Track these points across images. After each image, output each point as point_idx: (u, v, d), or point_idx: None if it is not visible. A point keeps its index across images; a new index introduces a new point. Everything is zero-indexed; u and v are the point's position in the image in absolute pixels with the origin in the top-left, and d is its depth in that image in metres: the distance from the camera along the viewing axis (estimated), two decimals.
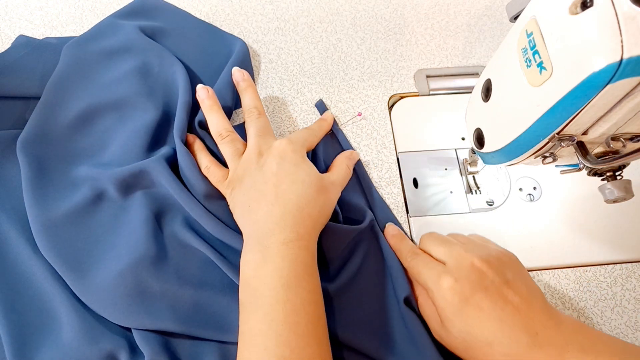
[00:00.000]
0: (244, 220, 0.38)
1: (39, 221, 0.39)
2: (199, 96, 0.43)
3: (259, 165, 0.38)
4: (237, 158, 0.40)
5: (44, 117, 0.44)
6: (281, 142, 0.39)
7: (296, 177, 0.37)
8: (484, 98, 0.34)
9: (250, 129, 0.41)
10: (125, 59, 0.47)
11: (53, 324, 0.37)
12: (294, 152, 0.39)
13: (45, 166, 0.42)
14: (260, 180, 0.37)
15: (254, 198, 0.37)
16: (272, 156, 0.38)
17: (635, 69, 0.23)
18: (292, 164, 0.38)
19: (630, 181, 0.32)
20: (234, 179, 0.39)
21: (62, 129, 0.44)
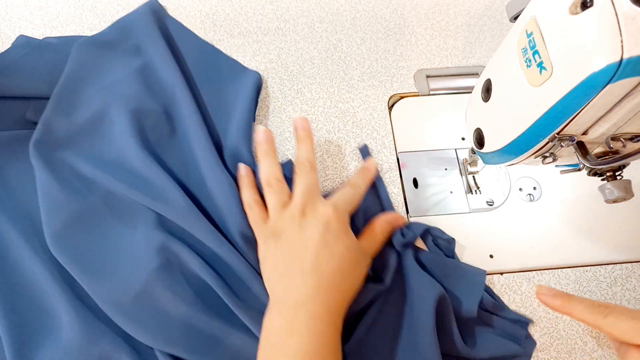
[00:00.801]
0: (275, 281, 0.37)
1: (52, 225, 0.39)
2: (258, 139, 0.42)
3: (301, 226, 0.37)
4: (280, 210, 0.38)
5: (55, 117, 0.44)
6: (327, 208, 0.38)
7: (336, 249, 0.36)
8: (484, 98, 0.34)
9: (299, 183, 0.39)
10: (134, 61, 0.48)
11: (53, 324, 0.37)
12: (338, 222, 0.37)
13: (58, 169, 0.42)
14: (300, 244, 0.36)
15: (290, 261, 0.36)
16: (316, 222, 0.37)
17: (635, 69, 0.23)
18: (334, 235, 0.37)
19: (630, 181, 0.32)
20: (272, 229, 0.38)
21: (75, 129, 0.44)
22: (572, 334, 0.40)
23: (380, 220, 0.41)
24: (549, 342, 0.40)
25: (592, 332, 0.40)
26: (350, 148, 0.47)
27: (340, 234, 0.37)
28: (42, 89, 0.46)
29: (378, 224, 0.41)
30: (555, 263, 0.43)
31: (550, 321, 0.41)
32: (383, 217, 0.41)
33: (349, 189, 0.41)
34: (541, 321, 0.41)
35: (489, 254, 0.43)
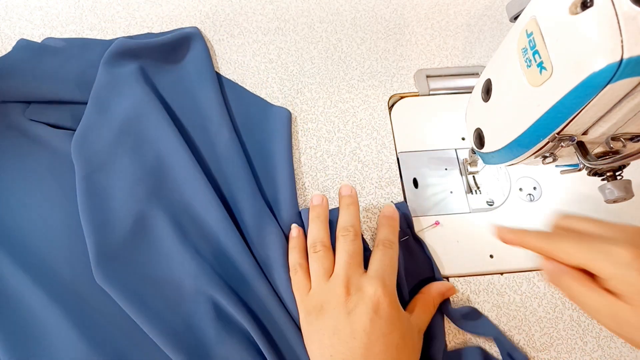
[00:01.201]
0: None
1: (97, 251, 0.39)
2: (313, 202, 0.41)
3: (346, 309, 0.34)
4: (323, 278, 0.37)
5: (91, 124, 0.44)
6: (376, 290, 0.34)
7: (391, 339, 0.33)
8: (484, 98, 0.34)
9: (342, 252, 0.37)
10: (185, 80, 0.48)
11: (45, 341, 0.37)
12: (389, 306, 0.34)
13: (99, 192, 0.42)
14: (348, 332, 0.33)
15: (338, 349, 0.33)
16: (364, 307, 0.33)
17: (635, 69, 0.23)
18: (387, 322, 0.33)
19: (630, 181, 0.32)
20: (314, 302, 0.36)
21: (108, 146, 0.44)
22: (572, 334, 0.40)
23: (435, 294, 0.39)
24: (549, 342, 0.40)
25: (592, 332, 0.40)
26: (351, 148, 0.47)
27: (394, 320, 0.33)
28: (42, 93, 0.46)
29: (433, 297, 0.38)
30: None
31: (550, 321, 0.41)
32: (438, 290, 0.39)
33: (385, 250, 0.38)
34: (541, 321, 0.41)
35: (489, 254, 0.43)
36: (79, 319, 0.38)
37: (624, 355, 0.40)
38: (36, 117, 0.46)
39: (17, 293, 0.39)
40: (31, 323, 0.38)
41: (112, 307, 0.38)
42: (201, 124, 0.46)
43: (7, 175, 0.44)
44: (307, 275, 0.38)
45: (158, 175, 0.43)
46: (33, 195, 0.43)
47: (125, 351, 0.37)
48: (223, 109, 0.47)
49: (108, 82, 0.46)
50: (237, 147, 0.45)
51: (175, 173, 0.43)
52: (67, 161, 0.44)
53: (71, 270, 0.40)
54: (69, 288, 0.39)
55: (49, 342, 0.37)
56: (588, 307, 0.30)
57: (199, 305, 0.39)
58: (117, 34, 0.52)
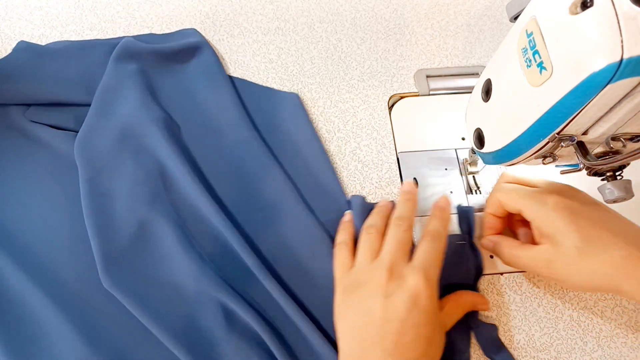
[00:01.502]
0: (349, 345, 0.34)
1: (102, 255, 0.39)
2: (404, 188, 0.41)
3: (385, 292, 0.34)
4: (368, 258, 0.36)
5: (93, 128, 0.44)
6: (419, 281, 0.33)
7: (423, 331, 0.33)
8: (484, 98, 0.34)
9: (392, 238, 0.37)
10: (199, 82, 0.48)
11: (45, 341, 0.37)
12: (428, 300, 0.33)
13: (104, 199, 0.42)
14: (381, 315, 0.33)
15: (369, 331, 0.33)
16: (403, 295, 0.33)
17: (635, 69, 0.23)
18: (423, 315, 0.33)
19: (630, 181, 0.32)
20: (353, 278, 0.36)
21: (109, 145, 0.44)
22: (572, 334, 0.40)
23: (468, 301, 0.39)
24: (549, 342, 0.40)
25: (592, 332, 0.40)
26: (351, 148, 0.47)
27: (429, 313, 0.33)
28: (42, 96, 0.46)
29: (465, 303, 0.39)
30: None
31: (550, 321, 0.41)
32: (472, 299, 0.39)
33: (433, 243, 0.37)
34: (541, 321, 0.41)
35: (489, 254, 0.43)
36: (80, 320, 0.38)
37: (624, 355, 0.40)
38: (37, 118, 0.46)
39: (17, 295, 0.39)
40: (32, 325, 0.38)
41: (113, 309, 0.38)
42: (217, 125, 0.46)
43: (7, 175, 0.44)
44: (351, 254, 0.38)
45: (161, 178, 0.43)
46: (34, 196, 0.43)
47: (126, 353, 0.37)
48: (239, 107, 0.47)
49: (113, 84, 0.46)
50: (260, 143, 0.45)
51: (177, 176, 0.43)
52: (68, 162, 0.44)
53: (73, 272, 0.40)
54: (70, 290, 0.39)
55: (49, 342, 0.37)
56: (523, 263, 0.37)
57: (205, 306, 0.38)
58: (117, 34, 0.52)
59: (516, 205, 0.37)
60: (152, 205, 0.41)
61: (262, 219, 0.42)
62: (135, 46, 0.48)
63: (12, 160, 0.44)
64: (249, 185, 0.44)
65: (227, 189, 0.44)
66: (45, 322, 0.38)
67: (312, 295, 0.40)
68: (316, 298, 0.40)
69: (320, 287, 0.40)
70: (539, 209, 0.35)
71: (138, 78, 0.46)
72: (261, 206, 0.43)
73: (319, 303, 0.39)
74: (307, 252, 0.41)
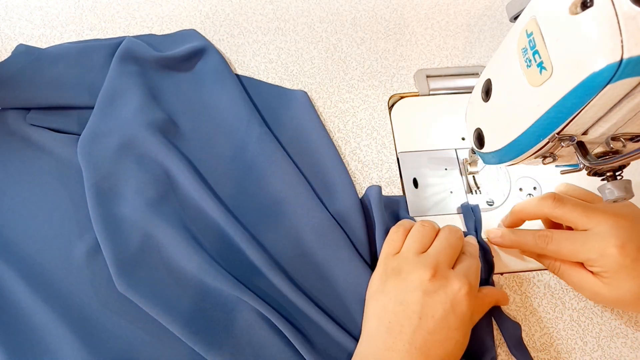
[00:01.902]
0: (375, 330, 0.34)
1: (115, 259, 0.39)
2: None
3: (426, 288, 0.34)
4: (416, 249, 0.37)
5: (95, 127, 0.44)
6: (462, 287, 0.34)
7: (453, 335, 0.33)
8: (484, 98, 0.34)
9: (444, 240, 0.37)
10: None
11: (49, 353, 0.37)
12: (466, 307, 0.34)
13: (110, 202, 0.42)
14: (416, 309, 0.33)
15: (400, 322, 0.33)
16: (444, 296, 0.34)
17: (635, 69, 0.23)
18: (457, 320, 0.33)
19: (630, 181, 0.32)
20: (395, 265, 0.36)
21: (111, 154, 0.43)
22: (572, 334, 0.40)
23: (490, 298, 0.39)
24: (549, 342, 0.40)
25: (592, 332, 0.40)
26: (351, 148, 0.47)
27: (464, 319, 0.34)
28: (42, 100, 0.45)
29: (490, 300, 0.39)
30: None
31: (550, 321, 0.41)
32: (494, 295, 0.39)
33: (472, 260, 0.38)
34: (541, 321, 0.41)
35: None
36: (81, 327, 0.38)
37: (624, 355, 0.40)
38: (38, 122, 0.45)
39: (19, 302, 0.39)
40: (33, 332, 0.38)
41: (115, 316, 0.38)
42: (227, 123, 0.46)
43: (10, 179, 0.43)
44: (403, 239, 0.38)
45: (167, 180, 0.43)
46: (38, 201, 0.43)
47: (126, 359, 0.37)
48: (249, 105, 0.47)
49: (116, 86, 0.46)
50: (271, 138, 0.45)
51: (183, 177, 0.43)
52: (72, 167, 0.43)
53: (75, 279, 0.40)
54: (73, 297, 0.39)
55: (50, 349, 0.37)
56: (576, 284, 0.38)
57: (219, 301, 0.39)
58: (117, 34, 0.52)
59: (585, 262, 0.37)
60: (159, 207, 0.41)
61: (275, 214, 0.43)
62: (139, 49, 0.48)
63: (14, 165, 0.44)
64: (261, 181, 0.44)
65: (240, 185, 0.44)
66: (47, 330, 0.38)
67: (323, 286, 0.40)
68: (327, 289, 0.40)
69: (330, 278, 0.40)
70: (601, 258, 0.35)
71: (142, 80, 0.46)
72: (274, 201, 0.43)
73: (331, 295, 0.40)
74: (320, 248, 0.41)
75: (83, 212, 0.42)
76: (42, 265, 0.40)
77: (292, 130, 0.47)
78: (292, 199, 0.42)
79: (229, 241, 0.41)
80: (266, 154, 0.44)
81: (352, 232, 0.42)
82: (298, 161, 0.45)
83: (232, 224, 0.41)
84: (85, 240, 0.41)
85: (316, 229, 0.41)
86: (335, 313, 0.39)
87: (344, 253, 0.40)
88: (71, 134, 0.45)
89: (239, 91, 0.47)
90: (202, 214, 0.42)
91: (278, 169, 0.43)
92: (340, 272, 0.40)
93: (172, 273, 0.40)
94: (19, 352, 0.37)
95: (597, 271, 0.36)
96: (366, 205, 0.43)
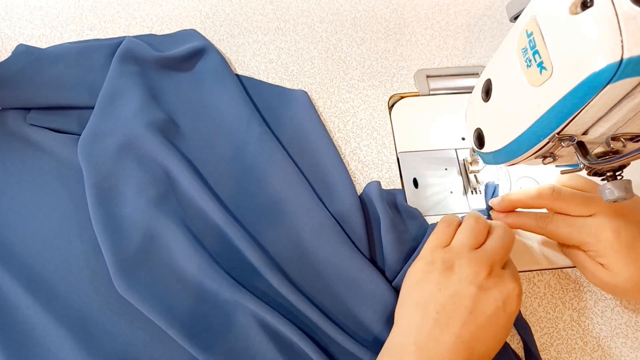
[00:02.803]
0: (419, 320, 0.34)
1: (115, 259, 0.39)
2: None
3: (480, 285, 0.34)
4: (470, 244, 0.36)
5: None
6: (515, 287, 0.34)
7: (499, 332, 0.34)
8: (484, 98, 0.34)
9: (500, 239, 0.37)
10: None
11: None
12: (516, 308, 0.34)
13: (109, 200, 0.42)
14: (468, 304, 0.33)
15: (450, 314, 0.33)
16: (498, 294, 0.34)
17: (635, 69, 0.23)
18: (506, 318, 0.34)
19: (630, 181, 0.32)
20: (447, 256, 0.36)
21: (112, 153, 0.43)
22: (572, 334, 0.40)
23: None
24: (549, 342, 0.40)
25: (592, 332, 0.40)
26: (351, 148, 0.47)
27: (511, 319, 0.34)
28: (42, 100, 0.45)
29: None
30: (555, 263, 0.43)
31: (550, 321, 0.41)
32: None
33: (515, 267, 0.38)
34: (541, 321, 0.41)
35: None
36: (80, 329, 0.38)
37: (624, 355, 0.40)
38: (38, 122, 0.45)
39: (18, 302, 0.38)
40: (32, 336, 0.37)
41: (114, 318, 0.38)
42: (228, 123, 0.46)
43: (10, 180, 0.43)
44: (453, 234, 0.38)
45: (167, 180, 0.43)
46: (39, 202, 0.43)
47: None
48: (249, 105, 0.47)
49: (116, 86, 0.46)
50: (271, 138, 0.45)
51: (183, 177, 0.42)
52: (73, 167, 0.43)
53: (75, 280, 0.40)
54: (73, 299, 0.39)
55: (48, 352, 0.37)
56: (588, 272, 0.39)
57: (218, 307, 0.39)
58: (117, 33, 0.52)
59: (581, 245, 0.38)
60: (159, 207, 0.41)
61: (275, 214, 0.43)
62: (139, 49, 0.48)
63: (14, 165, 0.44)
64: (262, 181, 0.44)
65: (240, 185, 0.44)
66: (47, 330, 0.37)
67: (323, 286, 0.40)
68: (327, 289, 0.40)
69: (331, 277, 0.40)
70: (600, 246, 0.37)
71: (142, 80, 0.46)
72: (274, 201, 0.43)
73: (331, 294, 0.40)
74: (321, 247, 0.41)
75: (83, 212, 0.41)
76: (42, 265, 0.40)
77: (292, 130, 0.47)
78: (292, 199, 0.42)
79: (228, 241, 0.41)
80: (266, 153, 0.44)
81: (352, 232, 0.42)
82: (298, 161, 0.45)
83: (232, 224, 0.41)
84: (85, 240, 0.41)
85: (316, 229, 0.41)
86: (335, 313, 0.39)
87: (345, 252, 0.40)
88: (71, 134, 0.45)
89: (239, 91, 0.47)
90: (202, 215, 0.42)
91: (278, 168, 0.43)
92: (341, 271, 0.40)
93: (171, 274, 0.39)
94: (18, 352, 0.37)
95: (593, 255, 0.38)
96: (365, 201, 0.43)
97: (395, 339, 0.34)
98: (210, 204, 0.41)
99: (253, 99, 0.48)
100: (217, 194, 0.43)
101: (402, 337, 0.34)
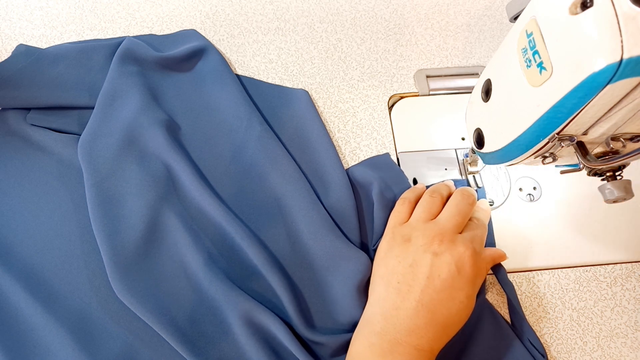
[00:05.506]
0: (384, 291, 0.36)
1: (112, 261, 0.39)
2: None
3: (435, 251, 0.36)
4: (424, 218, 0.39)
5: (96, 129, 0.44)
6: (466, 250, 0.36)
7: (458, 295, 0.35)
8: (484, 98, 0.34)
9: (454, 207, 0.39)
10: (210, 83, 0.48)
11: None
12: (470, 269, 0.36)
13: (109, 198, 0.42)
14: (425, 270, 0.35)
15: (409, 282, 0.35)
16: (450, 257, 0.35)
17: (635, 69, 0.23)
18: (463, 281, 0.35)
19: (630, 181, 0.32)
20: (405, 231, 0.38)
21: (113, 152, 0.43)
22: (572, 334, 0.40)
23: (489, 258, 0.39)
24: (549, 342, 0.40)
25: (592, 332, 0.40)
26: (351, 148, 0.47)
27: (469, 282, 0.35)
28: (42, 100, 0.45)
29: (487, 263, 0.39)
30: (555, 263, 0.43)
31: (550, 321, 0.41)
32: (491, 255, 0.39)
33: (478, 226, 0.40)
34: (541, 321, 0.41)
35: None
36: (80, 330, 0.38)
37: (623, 355, 0.40)
38: (38, 122, 0.45)
39: (17, 303, 0.38)
40: (35, 336, 0.37)
41: (114, 319, 0.38)
42: (228, 123, 0.46)
43: (10, 181, 0.43)
44: (410, 211, 0.40)
45: (167, 181, 0.43)
46: (40, 202, 0.43)
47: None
48: (249, 104, 0.47)
49: (116, 86, 0.46)
50: (271, 136, 0.45)
51: (184, 178, 0.42)
52: (73, 167, 0.43)
53: (74, 281, 0.40)
54: (74, 299, 0.39)
55: (47, 349, 0.37)
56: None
57: (211, 315, 0.39)
58: (117, 33, 0.52)
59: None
60: (159, 209, 0.41)
61: (275, 212, 0.43)
62: (139, 49, 0.47)
63: (15, 165, 0.44)
64: (262, 179, 0.44)
65: (241, 184, 0.44)
66: (46, 331, 0.38)
67: (322, 284, 0.40)
68: (326, 286, 0.40)
69: (331, 276, 0.40)
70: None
71: (142, 80, 0.46)
72: (274, 200, 0.43)
73: (329, 290, 0.40)
74: (319, 243, 0.41)
75: (83, 212, 0.41)
76: (42, 265, 0.40)
77: (293, 129, 0.47)
78: (293, 197, 0.42)
79: (230, 241, 0.41)
80: (266, 152, 0.44)
81: (349, 230, 0.42)
82: (298, 159, 0.45)
83: (233, 224, 0.41)
84: (85, 240, 0.41)
85: (315, 226, 0.41)
86: (335, 311, 0.39)
87: (342, 246, 0.40)
88: (71, 134, 0.45)
89: (239, 91, 0.47)
90: (203, 215, 0.42)
91: (278, 167, 0.43)
92: (342, 270, 0.40)
93: (168, 278, 0.39)
94: (18, 352, 0.37)
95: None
96: (357, 187, 0.45)
97: (365, 313, 0.37)
98: (212, 203, 0.41)
99: (253, 99, 0.48)
100: (218, 194, 0.43)
101: (371, 310, 0.36)
